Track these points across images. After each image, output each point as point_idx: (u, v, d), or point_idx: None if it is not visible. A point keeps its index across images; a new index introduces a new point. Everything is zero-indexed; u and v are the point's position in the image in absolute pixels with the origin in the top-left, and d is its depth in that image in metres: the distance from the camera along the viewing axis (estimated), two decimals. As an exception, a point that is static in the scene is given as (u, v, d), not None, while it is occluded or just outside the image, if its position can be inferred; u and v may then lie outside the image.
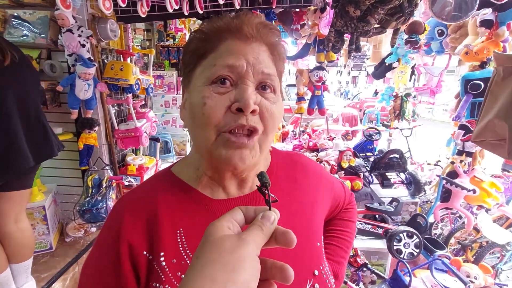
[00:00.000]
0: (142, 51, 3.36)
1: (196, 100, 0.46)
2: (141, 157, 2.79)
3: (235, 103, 0.44)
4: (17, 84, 1.48)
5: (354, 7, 1.80)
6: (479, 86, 2.03)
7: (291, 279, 0.30)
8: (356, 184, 2.28)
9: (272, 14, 2.63)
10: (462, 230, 2.24)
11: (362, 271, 1.74)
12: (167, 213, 0.49)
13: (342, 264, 0.68)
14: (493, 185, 2.11)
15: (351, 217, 0.75)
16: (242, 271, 0.27)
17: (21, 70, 1.52)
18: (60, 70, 2.22)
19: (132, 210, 0.49)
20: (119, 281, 0.45)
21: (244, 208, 0.34)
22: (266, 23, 0.50)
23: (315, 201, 0.60)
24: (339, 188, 0.71)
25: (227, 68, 0.45)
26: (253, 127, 0.45)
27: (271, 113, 0.47)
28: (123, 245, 0.45)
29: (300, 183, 0.60)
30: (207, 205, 0.51)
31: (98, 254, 0.49)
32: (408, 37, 2.61)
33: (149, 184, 0.55)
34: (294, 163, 0.63)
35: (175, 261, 0.46)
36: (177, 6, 1.93)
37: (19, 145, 1.46)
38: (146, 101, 3.32)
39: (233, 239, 0.29)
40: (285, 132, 4.35)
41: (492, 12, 1.97)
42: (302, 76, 2.61)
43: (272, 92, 0.49)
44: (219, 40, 0.48)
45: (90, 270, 0.49)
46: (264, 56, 0.48)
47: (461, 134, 2.18)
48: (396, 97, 4.01)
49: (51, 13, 2.06)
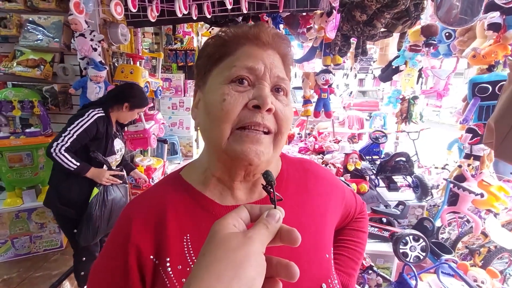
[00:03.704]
0: (151, 55, 3.43)
1: (214, 97, 0.47)
2: (149, 158, 2.84)
3: (253, 100, 0.46)
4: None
5: (361, 11, 1.81)
6: (487, 90, 2.02)
7: (296, 277, 0.31)
8: (362, 187, 2.28)
9: (279, 18, 2.66)
10: (470, 234, 2.22)
11: (368, 273, 1.73)
12: (174, 219, 0.49)
13: (352, 276, 0.66)
14: (502, 189, 2.08)
15: (363, 227, 0.73)
16: (248, 268, 0.28)
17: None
18: (72, 73, 2.29)
19: (141, 215, 0.50)
20: (127, 284, 0.46)
21: (249, 207, 0.35)
22: (280, 34, 0.52)
23: (326, 211, 0.59)
24: (350, 197, 0.69)
25: (246, 70, 0.47)
26: (268, 127, 0.47)
27: (285, 114, 0.49)
28: (132, 249, 0.46)
29: (311, 192, 0.59)
30: (215, 211, 0.51)
31: (107, 256, 0.50)
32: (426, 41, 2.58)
33: (158, 188, 0.55)
34: (305, 171, 0.62)
35: (180, 267, 0.46)
36: (186, 11, 1.98)
37: None
38: (154, 103, 3.37)
39: (238, 237, 0.30)
40: (291, 135, 4.36)
41: (500, 16, 1.97)
42: (309, 79, 2.63)
43: (284, 95, 0.51)
44: (237, 45, 0.50)
45: (99, 272, 0.50)
46: (278, 63, 0.51)
47: (468, 137, 2.17)
48: (403, 100, 3.99)
49: (65, 18, 2.13)
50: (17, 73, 2.20)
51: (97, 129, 1.70)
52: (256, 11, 2.21)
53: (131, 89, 1.87)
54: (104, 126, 1.75)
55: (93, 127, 1.68)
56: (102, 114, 1.74)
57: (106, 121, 1.76)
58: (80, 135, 1.65)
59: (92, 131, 1.68)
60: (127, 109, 1.83)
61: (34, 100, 2.17)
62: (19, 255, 2.32)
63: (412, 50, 2.88)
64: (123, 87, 1.93)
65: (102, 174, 1.73)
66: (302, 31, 2.83)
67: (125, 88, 1.91)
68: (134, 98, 1.84)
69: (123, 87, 1.93)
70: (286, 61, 0.53)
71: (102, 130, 1.73)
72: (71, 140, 1.63)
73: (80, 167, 1.66)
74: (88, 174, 1.69)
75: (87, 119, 1.68)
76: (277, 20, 2.63)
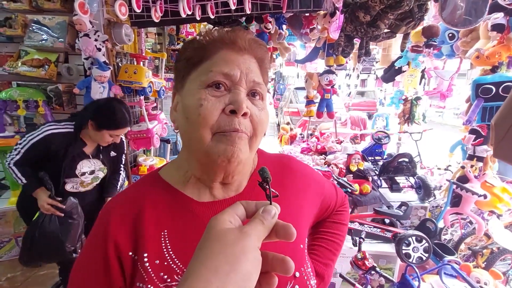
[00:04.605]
0: (154, 55, 3.44)
1: (191, 102, 0.49)
2: (152, 158, 2.85)
3: (229, 106, 0.48)
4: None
5: (364, 12, 1.81)
6: (491, 91, 2.02)
7: (291, 271, 0.31)
8: (364, 188, 2.28)
9: (282, 18, 2.66)
10: (473, 235, 2.22)
11: (370, 274, 1.73)
12: (152, 215, 0.50)
13: (329, 266, 0.69)
14: (505, 191, 2.08)
15: (343, 219, 0.75)
16: (244, 262, 0.28)
17: None
18: (76, 73, 2.30)
19: (118, 212, 0.51)
20: (108, 280, 0.47)
21: (245, 203, 0.35)
22: (256, 39, 0.55)
23: (302, 205, 0.61)
24: (330, 191, 0.71)
25: (222, 75, 0.49)
26: (244, 132, 0.49)
27: (260, 118, 0.51)
28: (110, 245, 0.47)
29: (286, 188, 0.61)
30: (192, 207, 0.52)
31: (87, 254, 0.51)
32: (427, 42, 2.58)
33: (136, 187, 0.57)
34: (282, 166, 0.64)
35: (158, 262, 0.47)
36: (190, 12, 1.99)
37: None
38: (157, 103, 3.39)
39: (235, 232, 0.30)
40: (293, 135, 4.36)
41: (504, 16, 1.96)
42: (312, 80, 2.63)
43: (260, 99, 0.53)
44: (214, 49, 0.51)
45: (80, 271, 0.50)
46: (255, 67, 0.53)
47: (471, 138, 2.17)
48: (406, 100, 3.98)
49: (69, 18, 2.14)
50: (22, 73, 2.21)
51: (48, 147, 1.52)
52: (259, 11, 2.22)
53: (100, 105, 1.61)
54: (62, 144, 1.55)
55: (40, 144, 1.51)
56: (61, 130, 1.55)
57: (68, 138, 1.56)
58: (28, 150, 1.51)
59: (39, 148, 1.52)
60: (92, 127, 1.57)
61: (38, 99, 2.19)
62: (23, 254, 2.34)
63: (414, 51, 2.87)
64: (95, 102, 1.68)
65: (42, 200, 1.55)
66: (305, 31, 2.83)
67: (96, 103, 1.66)
68: (99, 115, 1.56)
69: (95, 102, 1.68)
70: (263, 65, 0.55)
71: (56, 148, 1.54)
72: (19, 155, 1.51)
73: (26, 184, 1.55)
74: (33, 194, 1.56)
75: (36, 134, 1.52)
76: (280, 20, 2.63)
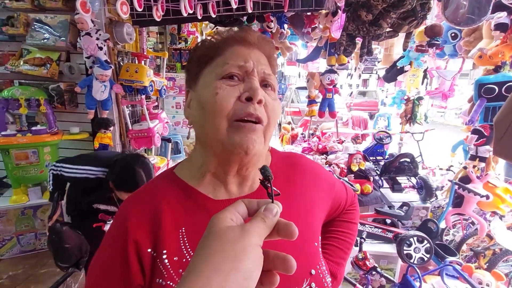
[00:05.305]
0: (156, 54, 3.44)
1: (207, 93, 0.51)
2: (153, 157, 2.85)
3: (245, 93, 0.49)
4: None
5: (366, 11, 1.80)
6: (493, 90, 2.00)
7: (293, 270, 0.31)
8: (366, 188, 2.28)
9: (284, 17, 2.65)
10: (475, 236, 2.20)
11: (371, 274, 1.73)
12: (169, 213, 0.51)
13: (341, 265, 0.69)
14: (508, 191, 2.06)
15: (353, 218, 0.76)
16: (245, 260, 0.28)
17: None
18: (78, 72, 2.31)
19: (137, 210, 0.52)
20: (127, 277, 0.48)
21: (247, 201, 0.35)
22: (264, 36, 0.58)
23: (314, 203, 0.62)
24: (340, 189, 0.72)
25: (237, 67, 0.51)
26: (259, 118, 0.49)
27: (273, 106, 0.52)
28: (130, 243, 0.48)
29: (299, 185, 0.62)
30: (208, 205, 0.53)
31: (106, 252, 0.51)
32: (429, 41, 2.57)
33: (152, 186, 0.58)
34: (293, 164, 0.65)
35: (176, 259, 0.48)
36: (191, 11, 1.98)
37: None
38: (159, 102, 3.39)
39: (236, 230, 0.30)
40: (294, 135, 4.35)
41: (507, 16, 1.95)
42: (314, 79, 2.62)
43: (272, 90, 0.55)
44: (226, 46, 0.54)
45: (98, 268, 0.51)
46: (264, 61, 0.55)
47: (474, 138, 2.15)
48: (408, 100, 3.97)
49: (71, 17, 2.15)
50: (24, 72, 2.22)
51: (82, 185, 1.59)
52: (261, 10, 2.21)
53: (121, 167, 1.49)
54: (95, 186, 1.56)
55: (79, 180, 1.57)
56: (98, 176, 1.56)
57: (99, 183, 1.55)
58: (67, 177, 1.60)
59: (75, 182, 1.62)
60: (112, 186, 1.51)
61: (40, 98, 2.19)
62: (25, 252, 2.34)
63: (419, 50, 2.86)
64: (118, 163, 1.52)
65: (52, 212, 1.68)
66: (307, 30, 2.82)
67: (118, 164, 1.51)
68: (119, 178, 1.49)
69: (118, 163, 1.52)
70: (272, 61, 0.58)
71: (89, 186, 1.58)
72: (58, 173, 1.60)
73: (51, 194, 1.68)
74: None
75: (79, 171, 1.56)
76: (282, 19, 2.62)
